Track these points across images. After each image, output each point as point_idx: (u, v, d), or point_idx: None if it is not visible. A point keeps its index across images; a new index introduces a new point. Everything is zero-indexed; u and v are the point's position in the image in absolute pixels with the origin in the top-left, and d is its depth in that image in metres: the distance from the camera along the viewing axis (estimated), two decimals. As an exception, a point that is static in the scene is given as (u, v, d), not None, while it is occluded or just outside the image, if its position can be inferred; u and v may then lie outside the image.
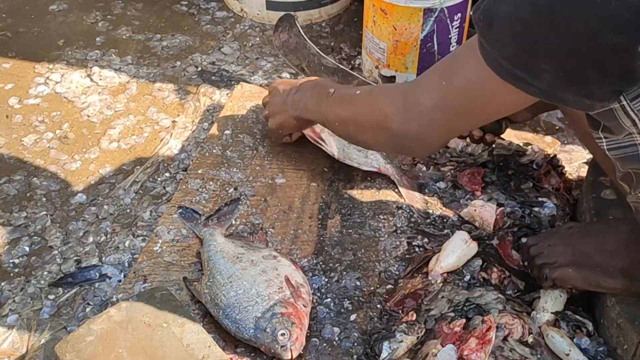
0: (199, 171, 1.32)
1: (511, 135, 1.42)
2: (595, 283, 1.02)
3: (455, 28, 1.52)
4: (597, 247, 1.02)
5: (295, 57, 1.46)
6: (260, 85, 1.61)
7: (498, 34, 0.79)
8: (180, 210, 1.23)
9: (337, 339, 1.04)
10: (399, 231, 1.21)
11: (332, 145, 1.31)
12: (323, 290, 1.11)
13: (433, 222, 1.24)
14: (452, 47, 1.54)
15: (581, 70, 0.75)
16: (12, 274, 1.20)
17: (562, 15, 0.72)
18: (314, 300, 1.08)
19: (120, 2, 1.97)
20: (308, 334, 1.02)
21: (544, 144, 1.42)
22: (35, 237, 1.26)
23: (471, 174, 1.31)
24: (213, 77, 1.69)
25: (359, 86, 1.19)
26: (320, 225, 1.22)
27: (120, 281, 1.16)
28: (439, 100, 0.92)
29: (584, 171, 1.32)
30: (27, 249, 1.24)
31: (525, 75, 0.78)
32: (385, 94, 1.04)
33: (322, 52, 1.44)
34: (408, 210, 1.26)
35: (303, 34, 1.43)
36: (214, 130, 1.42)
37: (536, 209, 1.24)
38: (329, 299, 1.09)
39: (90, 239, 1.26)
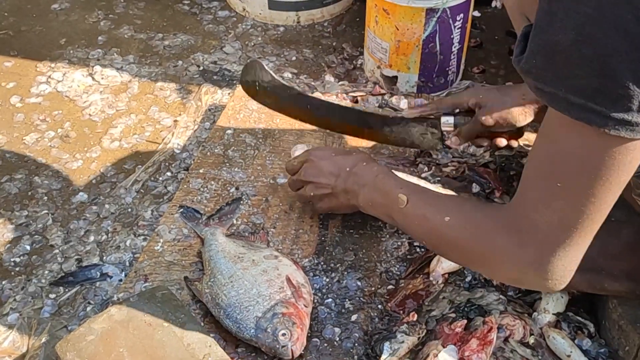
0: (201, 170, 1.32)
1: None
2: (600, 286, 1.01)
3: (458, 28, 1.51)
4: (601, 250, 1.01)
5: (275, 100, 1.34)
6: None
7: (562, 66, 0.67)
8: (182, 209, 1.23)
9: (338, 339, 1.04)
10: (400, 231, 1.21)
11: None
12: (324, 291, 1.11)
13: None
14: (455, 47, 1.54)
15: None
16: (13, 273, 1.20)
17: (629, 18, 0.63)
18: (315, 301, 1.08)
19: (122, 1, 1.97)
20: (309, 334, 1.02)
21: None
22: (36, 236, 1.26)
23: (487, 173, 1.31)
24: (215, 77, 1.69)
25: (443, 201, 0.99)
26: (321, 225, 1.22)
27: (121, 280, 1.16)
28: (566, 208, 0.75)
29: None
30: (28, 247, 1.24)
31: (601, 107, 0.66)
32: (490, 226, 0.86)
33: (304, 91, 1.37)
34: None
35: (273, 75, 1.32)
36: (215, 129, 1.42)
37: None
38: (330, 299, 1.09)
39: (92, 238, 1.26)
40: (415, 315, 1.05)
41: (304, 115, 1.33)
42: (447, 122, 1.27)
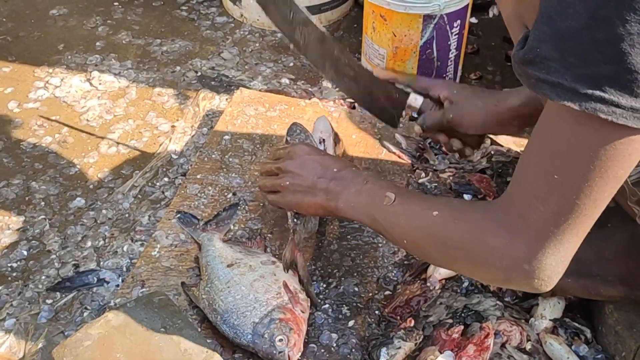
0: (198, 176, 1.32)
1: (509, 142, 1.42)
2: (595, 292, 1.01)
3: (455, 35, 1.52)
4: (596, 255, 1.01)
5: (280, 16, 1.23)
6: (260, 91, 1.62)
7: (571, 52, 0.65)
8: (179, 215, 1.23)
9: (335, 344, 1.04)
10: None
11: None
12: (321, 296, 1.11)
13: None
14: (452, 53, 1.54)
15: None
16: (10, 278, 1.19)
17: None
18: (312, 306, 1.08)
19: (120, 7, 1.97)
20: (306, 340, 1.02)
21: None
22: (33, 241, 1.26)
23: (480, 180, 1.32)
24: (212, 82, 1.69)
25: (432, 199, 0.98)
26: (318, 231, 1.22)
27: (118, 286, 1.16)
28: (562, 202, 0.73)
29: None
30: (25, 253, 1.24)
31: (610, 94, 0.64)
32: (480, 222, 0.82)
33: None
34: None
35: None
36: (213, 135, 1.43)
37: (535, 215, 1.24)
38: (327, 305, 1.09)
39: (89, 244, 1.26)
40: (412, 321, 1.05)
41: (296, 35, 1.21)
42: (415, 100, 1.21)
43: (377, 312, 1.09)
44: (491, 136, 1.43)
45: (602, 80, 0.64)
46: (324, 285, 1.12)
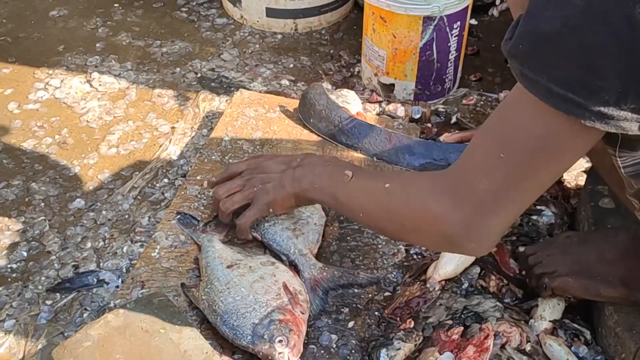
0: (198, 177, 1.32)
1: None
2: (595, 292, 1.02)
3: (455, 36, 1.52)
4: (597, 256, 1.01)
5: (326, 124, 1.39)
6: (260, 92, 1.62)
7: (546, 54, 0.69)
8: (179, 216, 1.23)
9: (334, 346, 1.03)
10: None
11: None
12: (321, 297, 1.11)
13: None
14: (452, 55, 1.55)
15: None
16: (9, 279, 1.19)
17: (616, 15, 0.64)
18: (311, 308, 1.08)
19: (120, 8, 1.97)
20: (306, 341, 1.02)
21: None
22: (33, 242, 1.26)
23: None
24: (212, 84, 1.69)
25: (386, 173, 1.06)
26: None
27: (118, 287, 1.16)
28: (505, 179, 0.78)
29: (582, 179, 1.32)
30: (25, 254, 1.24)
31: (580, 98, 0.67)
32: (427, 189, 0.87)
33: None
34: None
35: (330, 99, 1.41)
36: (213, 136, 1.43)
37: (534, 217, 1.24)
38: (327, 306, 1.09)
39: (89, 245, 1.26)
40: (412, 322, 1.05)
41: (350, 141, 1.37)
42: None
43: (376, 313, 1.09)
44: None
45: (573, 84, 0.67)
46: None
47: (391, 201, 0.92)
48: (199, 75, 1.72)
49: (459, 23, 1.51)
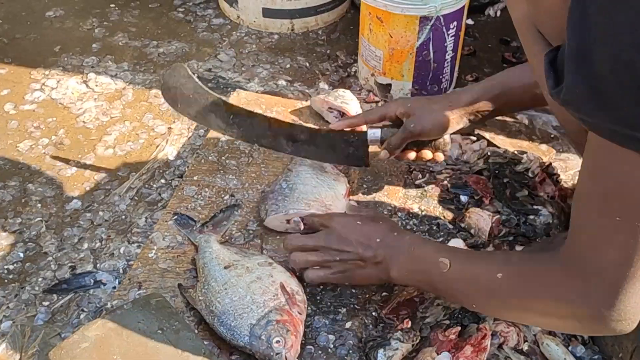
0: (195, 178, 1.32)
1: (506, 143, 1.43)
2: None
3: (451, 36, 1.52)
4: None
5: (197, 109, 1.27)
6: (257, 92, 1.62)
7: (604, 97, 0.64)
8: (176, 216, 1.23)
9: (332, 346, 1.03)
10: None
11: None
12: (318, 298, 1.11)
13: (429, 229, 1.24)
14: (448, 55, 1.55)
15: None
16: (6, 280, 1.19)
17: None
18: (309, 308, 1.08)
19: (116, 8, 1.97)
20: (303, 342, 1.02)
21: (539, 152, 1.42)
22: (30, 243, 1.26)
23: (476, 181, 1.32)
24: (209, 84, 1.69)
25: (490, 259, 0.96)
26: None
27: (115, 288, 1.16)
28: (632, 241, 0.71)
29: (579, 179, 1.32)
30: (21, 255, 1.24)
31: None
32: (551, 280, 0.81)
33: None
34: (404, 217, 1.26)
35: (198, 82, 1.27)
36: (209, 137, 1.42)
37: (531, 217, 1.25)
38: (324, 306, 1.09)
39: (85, 245, 1.25)
40: (410, 322, 1.05)
41: (227, 126, 1.27)
42: (373, 135, 1.24)
43: (374, 313, 1.09)
44: (488, 138, 1.44)
45: (636, 122, 0.64)
46: (321, 287, 1.12)
47: (511, 294, 0.86)
48: (195, 75, 1.72)
49: (455, 23, 1.51)
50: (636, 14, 0.60)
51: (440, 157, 1.26)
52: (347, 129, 1.27)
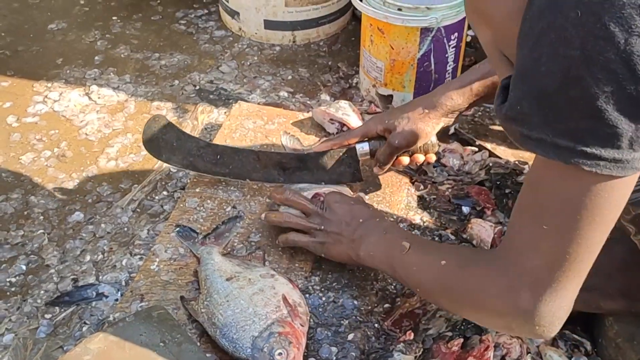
0: (197, 190, 1.32)
1: (508, 154, 1.43)
2: (595, 305, 1.01)
3: (452, 47, 1.53)
4: (594, 269, 1.01)
5: (182, 156, 1.29)
6: (258, 104, 1.62)
7: (549, 110, 0.67)
8: (178, 228, 1.23)
9: (334, 358, 1.03)
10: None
11: None
12: (320, 310, 1.11)
13: (431, 240, 1.24)
14: (449, 66, 1.55)
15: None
16: (8, 293, 1.19)
17: (615, 60, 0.62)
18: (312, 320, 1.08)
19: (119, 21, 1.98)
20: (305, 354, 1.02)
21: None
22: (32, 256, 1.26)
23: (478, 192, 1.32)
24: (211, 96, 1.69)
25: (442, 248, 1.05)
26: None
27: (117, 300, 1.16)
28: (554, 250, 0.75)
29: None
30: (23, 267, 1.24)
31: (593, 148, 0.66)
32: (482, 271, 0.85)
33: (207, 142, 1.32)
34: (406, 228, 1.26)
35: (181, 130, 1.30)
36: (211, 148, 1.43)
37: (533, 228, 1.24)
38: (326, 318, 1.09)
39: (88, 258, 1.25)
40: (412, 334, 1.05)
41: (215, 167, 1.29)
42: (362, 149, 1.28)
43: (376, 325, 1.09)
44: (489, 148, 1.44)
45: (583, 135, 0.66)
46: (323, 299, 1.12)
47: (448, 281, 0.91)
48: (197, 87, 1.72)
49: (456, 34, 1.51)
50: (586, 32, 0.62)
51: (432, 158, 1.30)
52: (335, 148, 1.30)
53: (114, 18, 1.99)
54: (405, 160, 1.29)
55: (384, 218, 1.14)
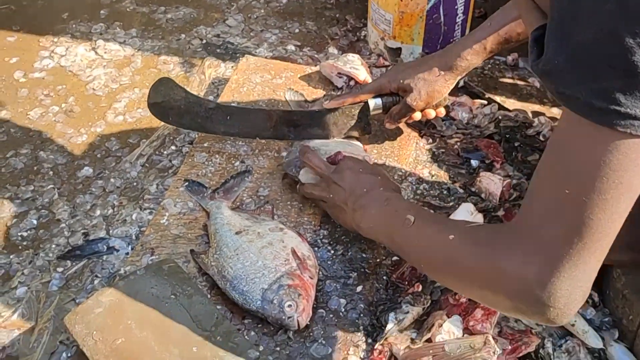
0: (205, 144, 1.32)
1: (517, 107, 1.42)
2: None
3: (462, -1, 1.50)
4: None
5: (190, 118, 1.28)
6: (266, 58, 1.61)
7: (584, 66, 0.64)
8: (187, 183, 1.24)
9: (343, 310, 1.04)
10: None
11: None
12: (329, 262, 1.11)
13: (439, 194, 1.24)
14: (459, 18, 1.53)
15: None
16: (20, 247, 1.20)
17: None
18: (320, 272, 1.09)
19: (124, -26, 1.96)
20: (315, 305, 1.03)
21: (551, 115, 1.41)
22: (42, 211, 1.27)
23: (487, 145, 1.32)
24: (218, 50, 1.68)
25: (449, 222, 0.98)
26: (326, 198, 1.22)
27: (127, 254, 1.17)
28: (576, 217, 0.69)
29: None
30: (35, 222, 1.25)
31: (626, 107, 0.63)
32: (494, 245, 0.78)
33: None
34: (414, 182, 1.26)
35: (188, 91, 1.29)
36: (220, 102, 1.42)
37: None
38: (335, 271, 1.10)
39: (98, 212, 1.26)
40: (420, 286, 1.06)
41: (225, 127, 1.29)
42: (375, 104, 1.29)
43: (384, 277, 1.10)
44: (498, 101, 1.43)
45: (616, 94, 0.63)
46: (332, 252, 1.13)
47: (455, 256, 0.84)
48: (204, 41, 1.71)
49: (466, -15, 1.49)
50: None
51: (442, 111, 1.31)
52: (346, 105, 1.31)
53: (119, -29, 1.97)
54: (417, 115, 1.29)
55: (392, 188, 1.09)
